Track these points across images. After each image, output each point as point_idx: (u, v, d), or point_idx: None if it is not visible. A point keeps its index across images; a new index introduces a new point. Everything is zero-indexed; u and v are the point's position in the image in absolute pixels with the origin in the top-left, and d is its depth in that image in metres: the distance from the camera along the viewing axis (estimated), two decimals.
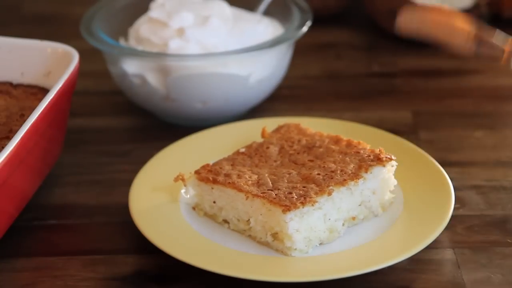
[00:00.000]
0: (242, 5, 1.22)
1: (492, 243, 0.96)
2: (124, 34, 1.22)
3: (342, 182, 0.93)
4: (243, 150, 1.02)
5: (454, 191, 0.98)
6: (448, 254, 0.95)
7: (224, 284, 0.90)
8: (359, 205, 0.96)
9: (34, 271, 0.95)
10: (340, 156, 0.98)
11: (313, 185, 0.93)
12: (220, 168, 0.98)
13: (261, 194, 0.92)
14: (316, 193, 0.92)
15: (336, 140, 1.01)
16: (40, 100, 1.02)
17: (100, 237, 0.99)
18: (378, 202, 0.97)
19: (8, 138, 0.98)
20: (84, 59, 1.09)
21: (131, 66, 1.15)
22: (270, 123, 1.07)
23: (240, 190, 0.94)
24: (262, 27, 1.19)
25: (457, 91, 1.28)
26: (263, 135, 1.04)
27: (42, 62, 1.09)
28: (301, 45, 1.28)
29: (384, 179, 0.97)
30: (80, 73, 1.06)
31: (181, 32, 1.15)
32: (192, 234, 0.95)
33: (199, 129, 1.11)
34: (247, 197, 0.93)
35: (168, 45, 1.14)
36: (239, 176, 0.96)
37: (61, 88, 1.00)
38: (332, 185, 0.93)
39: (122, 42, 1.21)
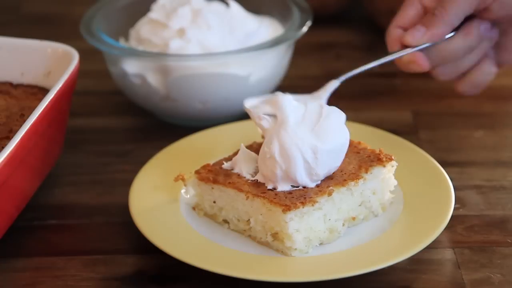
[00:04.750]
0: (243, 5, 1.22)
1: (492, 243, 0.96)
2: (124, 34, 1.22)
3: (342, 182, 0.93)
4: None
5: (454, 191, 0.98)
6: (448, 254, 0.95)
7: (224, 284, 0.90)
8: (359, 205, 0.96)
9: (34, 271, 0.95)
10: None
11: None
12: (220, 168, 0.98)
13: (261, 194, 0.92)
14: (316, 193, 0.92)
15: None
16: (40, 100, 1.02)
17: (100, 237, 0.99)
18: (378, 202, 0.97)
19: (8, 138, 0.98)
20: (84, 59, 1.09)
21: (131, 66, 1.15)
22: None
23: (240, 190, 0.94)
24: (262, 27, 1.19)
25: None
26: (263, 135, 1.04)
27: (42, 62, 1.09)
28: (301, 45, 1.28)
29: (384, 179, 0.97)
30: (80, 73, 1.06)
31: (181, 32, 1.15)
32: (192, 234, 0.95)
33: (199, 129, 1.11)
34: (247, 197, 0.93)
35: (169, 45, 1.14)
36: (239, 176, 0.96)
37: (61, 88, 1.00)
38: (332, 185, 0.93)
39: (122, 42, 1.21)
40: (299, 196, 0.91)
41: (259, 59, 1.15)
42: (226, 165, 0.98)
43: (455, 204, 0.96)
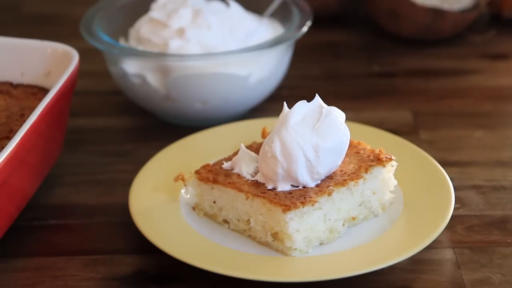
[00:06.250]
0: (245, 6, 1.22)
1: (492, 243, 0.96)
2: (124, 34, 1.22)
3: (342, 182, 0.93)
4: None
5: (454, 191, 0.98)
6: (448, 254, 0.95)
7: (224, 284, 0.90)
8: (359, 205, 0.96)
9: (35, 271, 0.95)
10: None
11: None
12: (220, 168, 0.98)
13: (261, 194, 0.92)
14: (316, 193, 0.92)
15: None
16: (40, 100, 1.02)
17: (100, 237, 0.99)
18: (378, 202, 0.97)
19: (8, 138, 0.98)
20: (84, 59, 1.09)
21: (131, 66, 1.15)
22: (270, 123, 1.07)
23: (240, 190, 0.94)
24: (262, 27, 1.19)
25: (457, 91, 1.28)
26: (263, 135, 1.04)
27: (42, 62, 1.09)
28: (301, 45, 1.28)
29: (384, 179, 0.97)
30: (80, 73, 1.06)
31: (181, 32, 1.15)
32: (192, 234, 0.95)
33: (199, 129, 1.11)
34: (247, 197, 0.93)
35: (169, 45, 1.14)
36: (239, 176, 0.96)
37: (61, 88, 1.00)
38: (332, 185, 0.93)
39: (122, 42, 1.21)
40: (299, 196, 0.91)
41: (259, 59, 1.15)
42: (226, 165, 0.98)
43: (455, 204, 0.96)
